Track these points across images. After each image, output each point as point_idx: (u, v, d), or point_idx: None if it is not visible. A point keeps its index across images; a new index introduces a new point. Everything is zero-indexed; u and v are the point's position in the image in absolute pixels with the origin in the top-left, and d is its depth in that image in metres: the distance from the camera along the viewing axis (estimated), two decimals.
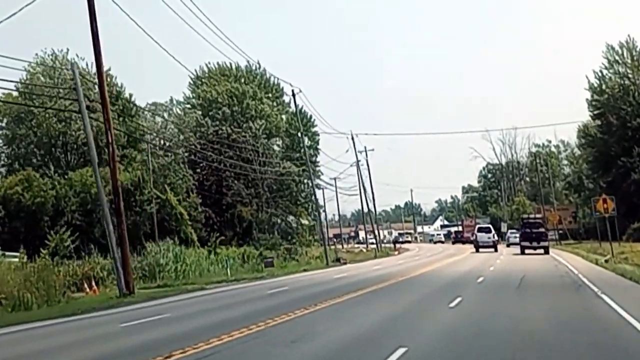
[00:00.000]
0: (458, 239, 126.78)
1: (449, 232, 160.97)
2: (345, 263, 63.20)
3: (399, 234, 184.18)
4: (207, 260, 50.78)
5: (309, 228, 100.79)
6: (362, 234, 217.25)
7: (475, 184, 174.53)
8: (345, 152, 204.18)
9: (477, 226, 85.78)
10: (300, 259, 66.79)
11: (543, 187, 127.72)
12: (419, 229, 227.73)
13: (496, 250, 70.25)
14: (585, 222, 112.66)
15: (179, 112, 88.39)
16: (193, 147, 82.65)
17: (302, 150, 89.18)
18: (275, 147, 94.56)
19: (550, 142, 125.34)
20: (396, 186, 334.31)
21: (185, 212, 77.34)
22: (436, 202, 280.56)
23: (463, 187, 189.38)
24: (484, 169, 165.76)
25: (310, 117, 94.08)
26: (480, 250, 71.91)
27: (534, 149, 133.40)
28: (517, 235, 77.49)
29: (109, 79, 68.47)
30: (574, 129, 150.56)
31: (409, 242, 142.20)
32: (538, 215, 73.84)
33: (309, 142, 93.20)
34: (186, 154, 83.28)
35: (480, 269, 43.78)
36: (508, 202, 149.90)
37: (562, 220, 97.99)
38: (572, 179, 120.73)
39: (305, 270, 52.84)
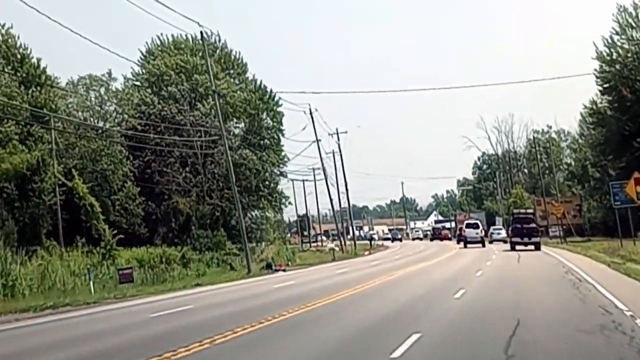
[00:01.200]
0: (436, 235, 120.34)
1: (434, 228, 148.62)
2: (279, 270, 48.57)
3: (389, 229, 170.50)
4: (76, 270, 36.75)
5: (276, 224, 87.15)
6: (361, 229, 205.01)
7: (470, 176, 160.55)
8: (302, 130, 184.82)
9: (465, 222, 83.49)
10: (239, 263, 52.51)
11: (543, 178, 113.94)
12: (412, 224, 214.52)
13: (484, 246, 69.52)
14: (590, 217, 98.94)
15: (119, 87, 74.65)
16: (133, 128, 69.04)
17: (264, 133, 75.58)
18: (236, 130, 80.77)
19: (550, 127, 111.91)
20: (387, 178, 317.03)
21: (120, 204, 63.69)
22: (432, 197, 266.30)
23: (458, 181, 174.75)
24: (478, 159, 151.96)
25: (272, 93, 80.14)
26: (468, 246, 70.31)
27: (532, 136, 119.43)
28: (501, 231, 79.01)
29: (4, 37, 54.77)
30: (574, 118, 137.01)
31: (399, 239, 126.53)
32: (529, 210, 72.77)
33: (272, 123, 79.33)
34: (125, 137, 69.67)
35: (460, 281, 29.95)
36: (505, 195, 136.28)
37: (566, 215, 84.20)
38: (575, 168, 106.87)
39: (198, 285, 37.55)
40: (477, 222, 79.52)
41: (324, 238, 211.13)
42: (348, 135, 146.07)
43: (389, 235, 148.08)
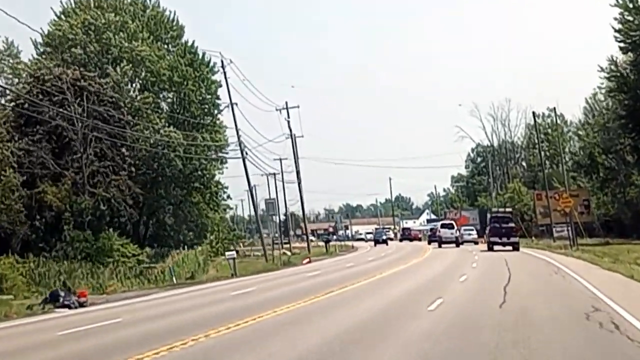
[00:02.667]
0: (405, 236, 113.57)
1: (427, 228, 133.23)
2: (69, 305, 28.42)
3: (375, 229, 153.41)
4: None
5: (217, 224, 70.27)
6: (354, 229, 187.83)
7: (464, 171, 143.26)
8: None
9: (441, 222, 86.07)
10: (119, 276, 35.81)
11: (544, 167, 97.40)
12: (403, 223, 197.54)
13: (458, 246, 69.69)
14: (600, 214, 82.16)
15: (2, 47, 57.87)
16: (23, 100, 52.29)
17: (194, 108, 58.91)
18: (164, 105, 63.85)
19: (552, 110, 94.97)
20: (375, 172, 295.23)
21: None
22: (428, 195, 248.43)
23: (452, 177, 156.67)
24: (472, 151, 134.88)
25: (206, 57, 63.00)
26: (443, 245, 69.88)
27: (532, 113, 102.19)
28: (472, 232, 79.47)
29: None
30: (578, 105, 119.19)
31: (384, 242, 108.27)
32: (508, 210, 74.67)
33: (205, 95, 62.17)
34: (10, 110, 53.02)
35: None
36: (500, 190, 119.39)
37: (573, 211, 67.21)
38: (581, 157, 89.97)
39: None
40: (452, 222, 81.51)
41: (312, 238, 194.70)
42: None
43: (365, 236, 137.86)
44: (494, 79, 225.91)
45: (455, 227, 76.86)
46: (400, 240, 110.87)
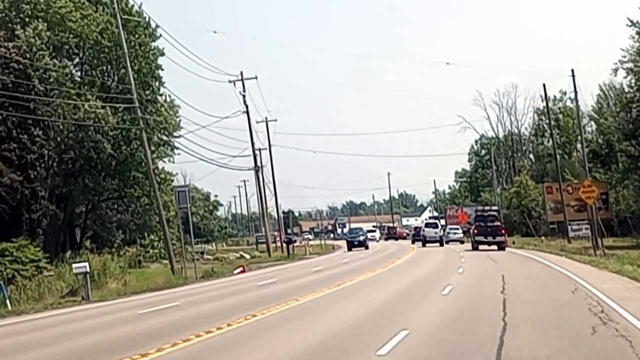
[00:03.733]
0: (390, 235, 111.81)
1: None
2: None
3: (350, 229, 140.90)
4: None
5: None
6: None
7: (467, 165, 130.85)
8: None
9: (425, 222, 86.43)
10: None
11: (556, 154, 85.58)
12: (405, 221, 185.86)
13: (442, 245, 67.78)
14: (620, 210, 70.12)
15: None
16: None
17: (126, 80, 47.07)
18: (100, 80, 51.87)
19: (564, 93, 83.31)
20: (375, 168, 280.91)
21: None
22: (433, 192, 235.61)
23: (456, 172, 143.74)
24: (476, 143, 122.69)
25: (145, 20, 50.93)
26: (427, 245, 68.08)
27: (542, 105, 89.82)
28: (458, 231, 77.96)
29: None
30: (591, 93, 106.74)
31: (363, 245, 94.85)
32: (494, 208, 73.59)
33: (143, 65, 50.09)
34: None
35: None
36: (506, 184, 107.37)
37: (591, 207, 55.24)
38: (597, 145, 77.91)
39: None
40: (437, 222, 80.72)
41: (310, 236, 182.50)
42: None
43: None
44: (499, 64, 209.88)
45: (440, 226, 75.74)
46: (386, 239, 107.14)
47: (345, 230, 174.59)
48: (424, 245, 67.53)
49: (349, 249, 65.59)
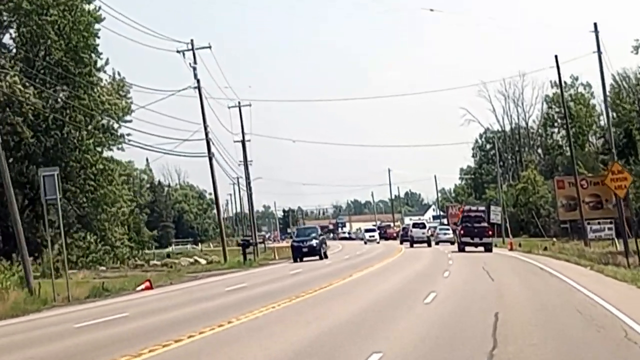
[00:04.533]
0: (382, 235, 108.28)
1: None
2: None
3: (366, 230, 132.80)
4: None
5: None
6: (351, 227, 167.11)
7: (471, 161, 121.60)
8: None
9: (412, 222, 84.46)
10: None
11: (561, 153, 76.66)
12: (408, 220, 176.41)
13: (429, 245, 66.71)
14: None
15: None
16: None
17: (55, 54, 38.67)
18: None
19: (576, 79, 74.52)
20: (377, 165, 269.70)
21: None
22: (440, 191, 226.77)
23: (461, 169, 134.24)
24: (480, 137, 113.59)
25: None
26: (415, 245, 66.17)
27: (552, 92, 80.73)
28: (448, 231, 76.35)
29: None
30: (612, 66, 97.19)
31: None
32: (481, 208, 63.96)
33: (75, 35, 41.30)
34: None
35: None
36: (513, 181, 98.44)
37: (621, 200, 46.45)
38: (614, 135, 68.86)
39: None
40: (424, 222, 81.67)
41: None
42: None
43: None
44: (504, 52, 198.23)
45: (428, 227, 75.59)
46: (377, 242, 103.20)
47: (346, 229, 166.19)
48: (411, 246, 66.49)
49: (296, 260, 45.03)
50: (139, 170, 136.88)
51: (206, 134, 40.35)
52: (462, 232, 53.07)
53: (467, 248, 50.18)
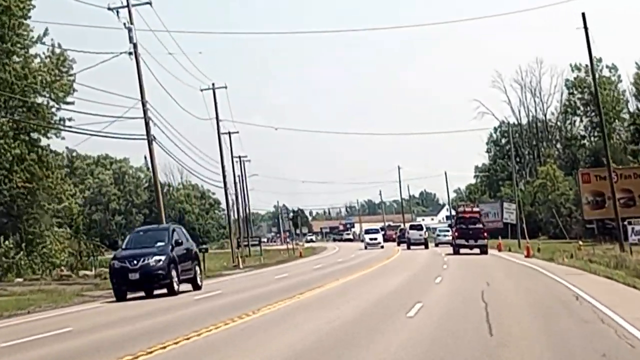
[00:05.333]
0: (383, 237, 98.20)
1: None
2: None
3: (366, 231, 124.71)
4: None
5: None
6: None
7: (485, 156, 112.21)
8: None
9: (409, 224, 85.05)
10: None
11: (584, 144, 67.63)
12: (420, 221, 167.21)
13: (426, 247, 65.39)
14: None
15: None
16: None
17: None
18: None
19: (600, 60, 65.63)
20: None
21: None
22: (455, 191, 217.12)
23: (476, 167, 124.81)
24: (495, 130, 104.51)
25: None
26: (412, 247, 65.25)
27: (573, 76, 71.57)
28: (448, 232, 71.69)
29: None
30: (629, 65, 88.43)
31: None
32: (475, 209, 59.06)
33: None
34: None
35: None
36: (530, 177, 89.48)
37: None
38: None
39: None
40: (421, 224, 79.94)
41: (312, 238, 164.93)
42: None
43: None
44: (520, 37, 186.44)
45: (425, 229, 73.42)
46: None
47: (355, 230, 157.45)
48: (408, 248, 65.75)
49: (119, 297, 23.28)
50: (134, 168, 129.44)
51: (144, 111, 31.80)
52: (456, 234, 51.72)
53: (462, 250, 49.06)
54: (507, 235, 66.55)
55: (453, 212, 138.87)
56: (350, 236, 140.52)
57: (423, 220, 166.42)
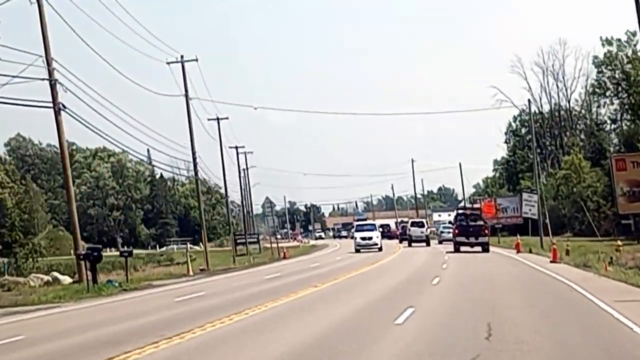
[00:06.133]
0: (385, 234, 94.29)
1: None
2: None
3: (357, 227, 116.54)
4: None
5: None
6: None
7: (504, 148, 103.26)
8: None
9: (410, 220, 78.87)
10: None
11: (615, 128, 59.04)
12: (436, 216, 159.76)
13: (428, 245, 64.93)
14: None
15: None
16: None
17: None
18: None
19: (634, 34, 57.04)
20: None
21: None
22: (474, 186, 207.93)
23: (495, 161, 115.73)
24: (514, 119, 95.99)
25: None
26: (413, 244, 64.57)
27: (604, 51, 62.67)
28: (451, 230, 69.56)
29: None
30: None
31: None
32: (476, 206, 64.13)
33: None
34: None
35: None
36: (552, 169, 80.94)
37: None
38: None
39: None
40: (423, 220, 77.13)
41: (322, 235, 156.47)
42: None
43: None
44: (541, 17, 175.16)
45: (426, 226, 74.02)
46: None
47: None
48: (409, 245, 64.73)
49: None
50: (133, 161, 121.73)
51: (49, 71, 23.91)
52: (456, 231, 50.42)
53: (463, 248, 47.76)
54: (527, 231, 59.48)
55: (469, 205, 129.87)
56: (344, 233, 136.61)
57: (440, 215, 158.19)
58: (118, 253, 44.69)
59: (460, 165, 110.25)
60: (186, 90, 44.23)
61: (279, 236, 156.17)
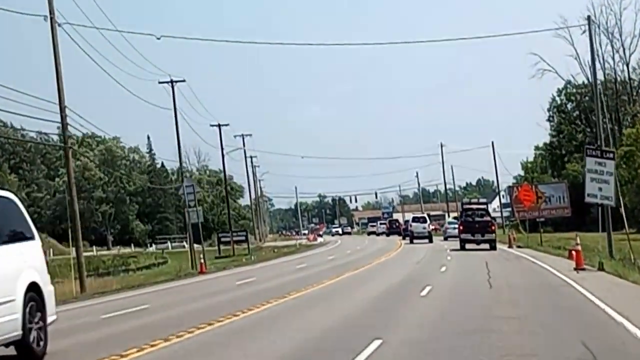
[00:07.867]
0: (393, 229, 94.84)
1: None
2: None
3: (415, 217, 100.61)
4: None
5: None
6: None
7: (547, 126, 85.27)
8: None
9: (412, 216, 76.00)
10: None
11: None
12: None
13: (431, 241, 62.14)
14: None
15: None
16: None
17: None
18: None
19: None
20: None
21: None
22: (514, 177, 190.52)
23: (536, 147, 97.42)
24: (559, 93, 78.83)
25: None
26: (415, 241, 62.16)
27: None
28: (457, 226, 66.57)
29: None
30: None
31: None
32: (482, 200, 56.68)
33: None
34: None
35: None
36: (607, 146, 63.85)
37: None
38: None
39: None
40: (425, 216, 72.66)
41: (339, 231, 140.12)
42: None
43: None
44: None
45: (429, 221, 69.29)
46: (387, 235, 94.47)
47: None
48: (411, 242, 62.66)
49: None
50: (126, 148, 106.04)
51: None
52: (461, 227, 48.52)
53: (468, 245, 45.73)
54: (579, 226, 46.38)
55: (509, 198, 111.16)
56: (339, 230, 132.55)
57: None
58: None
59: (493, 144, 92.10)
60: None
61: (288, 232, 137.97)
